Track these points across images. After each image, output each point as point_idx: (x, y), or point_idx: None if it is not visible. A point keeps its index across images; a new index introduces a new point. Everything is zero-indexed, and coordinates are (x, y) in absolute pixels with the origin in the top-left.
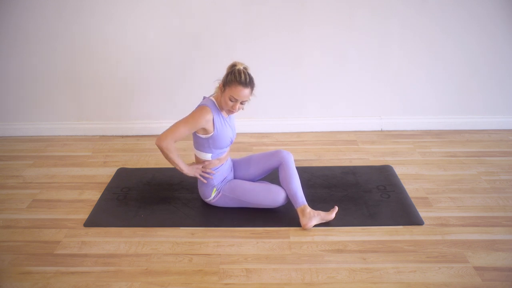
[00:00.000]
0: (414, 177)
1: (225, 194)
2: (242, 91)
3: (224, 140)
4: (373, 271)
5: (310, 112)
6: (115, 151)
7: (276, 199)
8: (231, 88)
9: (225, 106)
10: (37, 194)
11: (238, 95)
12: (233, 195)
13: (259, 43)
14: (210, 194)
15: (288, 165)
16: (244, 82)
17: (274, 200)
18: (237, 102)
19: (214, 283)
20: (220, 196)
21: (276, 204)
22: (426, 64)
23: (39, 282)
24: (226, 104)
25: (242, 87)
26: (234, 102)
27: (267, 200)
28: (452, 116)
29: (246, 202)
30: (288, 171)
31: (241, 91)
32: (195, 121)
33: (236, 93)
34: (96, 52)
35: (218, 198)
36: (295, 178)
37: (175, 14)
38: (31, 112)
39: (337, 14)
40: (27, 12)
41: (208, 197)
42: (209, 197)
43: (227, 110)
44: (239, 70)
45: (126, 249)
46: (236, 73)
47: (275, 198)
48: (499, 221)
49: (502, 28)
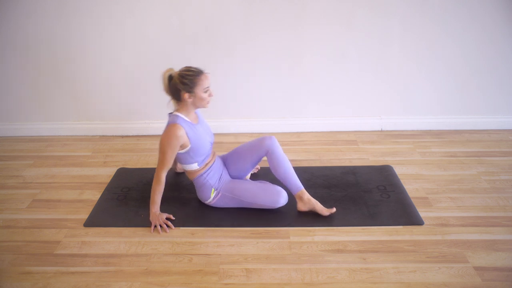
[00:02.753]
0: (414, 177)
1: (225, 194)
2: (207, 76)
3: (203, 147)
4: (373, 271)
5: (310, 112)
6: (115, 151)
7: (276, 200)
8: (199, 83)
9: (203, 102)
10: (37, 194)
11: (208, 82)
12: (233, 195)
13: (259, 43)
14: (209, 195)
15: (274, 152)
16: (201, 70)
17: (275, 201)
18: (209, 89)
19: (214, 283)
20: (220, 197)
21: (276, 205)
22: (426, 64)
23: (39, 282)
24: (203, 99)
25: (204, 73)
26: (208, 91)
27: (267, 201)
28: (452, 116)
29: (246, 202)
30: (276, 159)
31: (206, 77)
32: (172, 141)
33: (205, 81)
34: (96, 52)
35: (218, 199)
36: (285, 163)
37: (175, 14)
38: (31, 112)
39: (337, 14)
40: (27, 12)
41: (207, 199)
42: (209, 198)
43: (205, 104)
44: (185, 68)
45: (126, 249)
46: (189, 71)
47: (276, 199)
48: (499, 221)
49: (503, 28)
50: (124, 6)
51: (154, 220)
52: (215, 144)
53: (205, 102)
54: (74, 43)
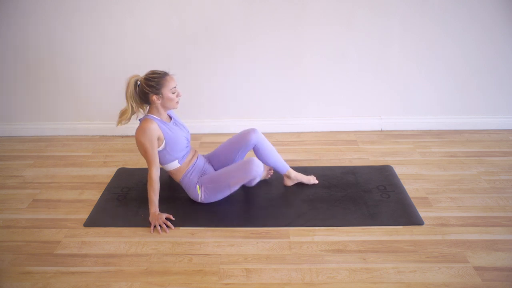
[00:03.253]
0: (414, 177)
1: (207, 186)
2: (172, 78)
3: (179, 141)
4: (373, 271)
5: (310, 112)
6: (115, 151)
7: (250, 169)
8: (165, 84)
9: (172, 102)
10: (37, 194)
11: (174, 82)
12: (213, 184)
13: (259, 43)
14: (197, 193)
15: (261, 145)
16: (166, 71)
17: (248, 170)
18: (176, 89)
19: (214, 283)
20: (204, 190)
21: (252, 173)
22: (426, 64)
23: (39, 282)
24: (172, 99)
25: (169, 75)
26: (175, 91)
27: (242, 173)
28: (452, 116)
29: (226, 185)
30: (264, 151)
31: (171, 78)
32: (147, 135)
33: (172, 82)
34: (96, 52)
35: (204, 193)
36: (273, 152)
37: (175, 14)
38: (31, 112)
39: (337, 14)
40: (27, 12)
41: (197, 197)
42: (197, 195)
43: (174, 105)
44: (150, 71)
45: (126, 249)
46: (154, 74)
47: (251, 167)
48: (499, 221)
49: (503, 28)
50: (124, 6)
51: (154, 220)
52: (213, 144)
53: (174, 102)
54: (74, 43)
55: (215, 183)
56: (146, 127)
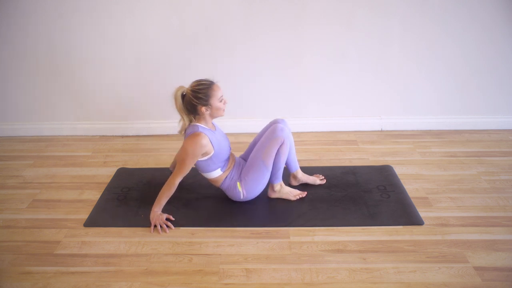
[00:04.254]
0: (414, 177)
1: (245, 178)
2: (218, 86)
3: (224, 152)
4: (373, 271)
5: (310, 112)
6: (115, 151)
7: (277, 131)
8: (212, 94)
9: (220, 111)
10: (37, 194)
11: (221, 91)
12: (250, 170)
13: (259, 43)
14: (238, 191)
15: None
16: (212, 81)
17: (276, 132)
18: (223, 97)
19: (214, 283)
20: (244, 184)
21: (282, 133)
22: (426, 64)
23: (39, 282)
24: (219, 108)
25: (216, 84)
26: (223, 99)
27: (271, 138)
28: (452, 116)
29: (263, 161)
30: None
31: (218, 87)
32: (196, 150)
33: (219, 91)
34: (96, 52)
35: (244, 187)
36: (291, 149)
37: (175, 14)
38: (31, 112)
39: (337, 14)
40: (27, 12)
41: (240, 195)
42: (240, 193)
43: (222, 112)
44: (196, 82)
45: (126, 249)
46: (201, 84)
47: (276, 131)
48: (499, 221)
49: (503, 28)
50: (124, 6)
51: (154, 220)
52: None
53: (221, 111)
54: (74, 43)
55: (251, 169)
56: (198, 143)
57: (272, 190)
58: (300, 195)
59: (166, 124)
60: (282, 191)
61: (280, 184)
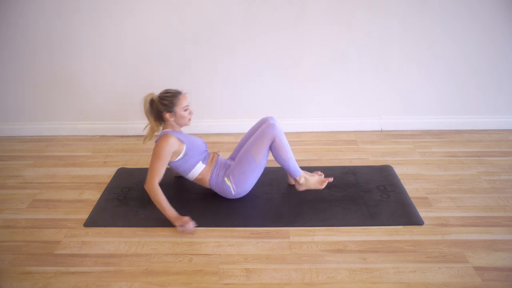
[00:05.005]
0: (414, 177)
1: (234, 173)
2: (185, 96)
3: (197, 144)
4: (373, 271)
5: (310, 112)
6: (115, 151)
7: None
8: (178, 103)
9: (184, 119)
10: (37, 194)
11: (187, 101)
12: (239, 165)
13: (259, 43)
14: (227, 186)
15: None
16: (179, 90)
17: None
18: (189, 107)
19: (214, 283)
20: (233, 179)
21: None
22: (426, 64)
23: (39, 282)
24: (184, 117)
25: (182, 94)
26: (188, 109)
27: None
28: (452, 116)
29: (252, 157)
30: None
31: (184, 97)
32: (165, 150)
33: (184, 101)
34: (96, 52)
35: (234, 182)
36: (287, 150)
37: (175, 14)
38: (31, 112)
39: (337, 14)
40: (27, 12)
41: (229, 190)
42: (230, 188)
43: (186, 122)
44: (164, 90)
45: (126, 249)
46: (168, 93)
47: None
48: (499, 221)
49: (503, 28)
50: (124, 6)
51: (178, 224)
52: (213, 144)
53: (186, 120)
54: (74, 43)
55: (239, 163)
56: (165, 140)
57: (298, 183)
58: (327, 181)
59: None
60: (308, 182)
61: (303, 177)
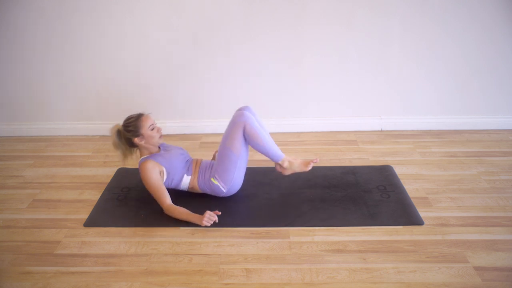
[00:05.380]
0: (414, 177)
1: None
2: (148, 116)
3: (176, 159)
4: (373, 271)
5: (310, 112)
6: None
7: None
8: (141, 125)
9: (154, 139)
10: (37, 194)
11: (151, 120)
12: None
13: (259, 43)
14: (216, 185)
15: (248, 129)
16: (140, 113)
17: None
18: (155, 124)
19: (214, 283)
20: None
21: (242, 117)
22: (426, 64)
23: (39, 282)
24: (153, 136)
25: (144, 115)
26: (154, 127)
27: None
28: (452, 116)
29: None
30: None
31: (146, 117)
32: (151, 175)
33: (148, 121)
34: (96, 52)
35: (220, 180)
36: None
37: (175, 14)
38: (31, 112)
39: (337, 14)
40: (26, 12)
41: (219, 188)
42: (219, 187)
43: (157, 140)
44: (126, 118)
45: (126, 249)
46: (129, 119)
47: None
48: (499, 221)
49: (503, 28)
50: (124, 6)
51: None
52: (213, 144)
53: (156, 138)
54: (74, 42)
55: (220, 160)
56: (146, 167)
57: (282, 168)
58: (312, 162)
59: (166, 124)
60: (293, 166)
61: (287, 160)
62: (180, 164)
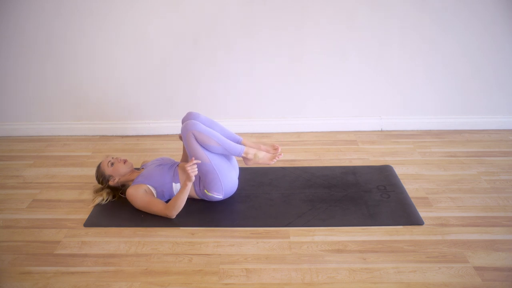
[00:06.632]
0: (414, 177)
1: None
2: (103, 160)
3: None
4: (373, 271)
5: (310, 112)
6: (115, 151)
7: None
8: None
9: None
10: (37, 194)
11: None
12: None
13: (259, 43)
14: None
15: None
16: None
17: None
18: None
19: (214, 283)
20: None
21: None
22: (426, 63)
23: (39, 282)
24: (118, 169)
25: (101, 162)
26: (112, 162)
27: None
28: (452, 116)
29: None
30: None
31: (103, 163)
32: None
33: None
34: (96, 52)
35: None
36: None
37: (175, 14)
38: (31, 112)
39: (337, 14)
40: (26, 12)
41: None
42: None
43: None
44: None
45: (126, 249)
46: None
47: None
48: (499, 221)
49: (503, 28)
50: (124, 6)
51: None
52: None
53: (122, 168)
54: (74, 42)
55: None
56: (129, 195)
57: (246, 159)
58: (276, 158)
59: (166, 124)
60: (256, 158)
61: (251, 152)
62: (162, 176)
